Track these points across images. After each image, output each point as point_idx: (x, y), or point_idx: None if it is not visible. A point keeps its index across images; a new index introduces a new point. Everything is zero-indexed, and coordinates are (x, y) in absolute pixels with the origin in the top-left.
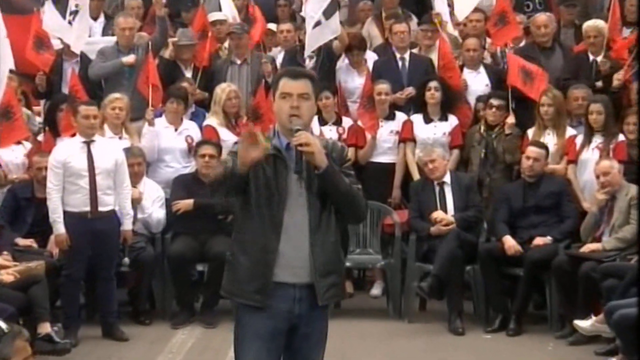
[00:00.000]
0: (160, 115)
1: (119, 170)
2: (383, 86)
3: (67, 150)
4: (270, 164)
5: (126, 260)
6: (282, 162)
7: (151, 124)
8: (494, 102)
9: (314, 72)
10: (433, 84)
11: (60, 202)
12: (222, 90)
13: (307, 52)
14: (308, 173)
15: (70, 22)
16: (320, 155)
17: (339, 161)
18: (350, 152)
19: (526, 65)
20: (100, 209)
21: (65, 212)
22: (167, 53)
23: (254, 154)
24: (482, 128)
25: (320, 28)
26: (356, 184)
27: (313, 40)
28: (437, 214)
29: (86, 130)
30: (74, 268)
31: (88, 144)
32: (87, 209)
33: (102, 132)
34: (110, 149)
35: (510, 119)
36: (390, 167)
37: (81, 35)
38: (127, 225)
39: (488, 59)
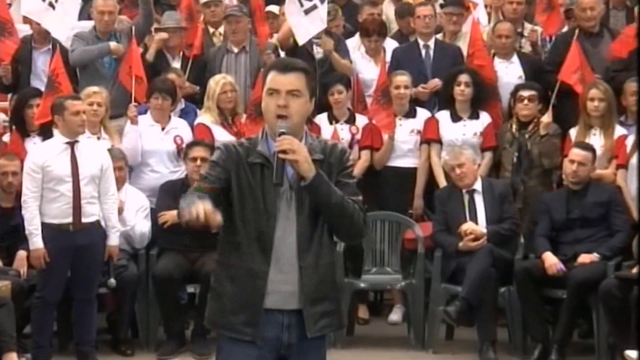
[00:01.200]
0: (145, 112)
1: (105, 176)
2: (402, 78)
3: (47, 152)
4: (256, 174)
5: (112, 281)
6: (270, 171)
7: (134, 121)
8: (525, 93)
9: (307, 65)
10: (463, 77)
11: (37, 211)
12: (216, 82)
13: (303, 40)
14: (298, 186)
15: (51, 5)
16: (305, 164)
17: (338, 167)
18: (365, 155)
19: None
20: (84, 220)
21: (42, 224)
22: (151, 42)
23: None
24: (514, 126)
25: (315, 13)
26: (356, 195)
27: (302, 30)
28: (468, 227)
29: (77, 128)
30: (50, 289)
31: (72, 145)
32: (69, 220)
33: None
34: (95, 151)
35: (546, 118)
36: (411, 172)
37: (65, 19)
38: (114, 239)
39: (526, 48)
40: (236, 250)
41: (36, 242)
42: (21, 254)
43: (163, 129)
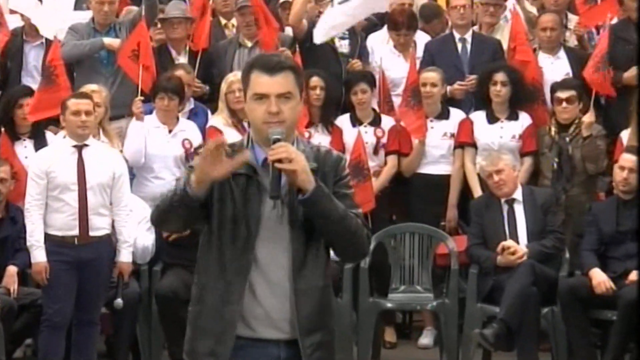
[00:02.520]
0: (150, 112)
1: (118, 185)
2: (429, 75)
3: (52, 156)
4: (239, 186)
5: (119, 301)
6: (255, 183)
7: (139, 117)
8: (562, 94)
9: (293, 61)
10: (500, 76)
11: (41, 221)
12: (225, 80)
13: (321, 38)
14: (290, 198)
15: None
16: (304, 175)
17: (334, 177)
18: (392, 161)
19: None
20: (92, 233)
21: (45, 235)
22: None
23: (217, 171)
24: (553, 129)
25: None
26: (355, 208)
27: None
28: (508, 244)
29: (77, 130)
30: (56, 311)
31: (79, 148)
32: (75, 232)
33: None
34: (107, 156)
35: (588, 117)
36: (444, 180)
37: (54, 15)
38: (125, 255)
39: (571, 41)
40: (208, 269)
41: (38, 255)
42: (11, 269)
43: (170, 131)
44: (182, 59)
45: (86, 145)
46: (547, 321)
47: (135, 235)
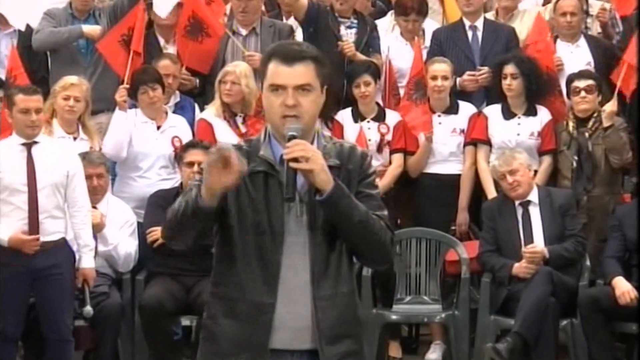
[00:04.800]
0: (134, 107)
1: (73, 184)
2: (439, 67)
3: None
4: (258, 186)
5: (88, 309)
6: (276, 181)
7: (122, 107)
8: (580, 84)
9: (316, 50)
10: (509, 68)
11: None
12: (223, 69)
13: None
14: (310, 199)
15: None
16: (322, 174)
17: (359, 175)
18: (398, 160)
19: None
20: (43, 238)
21: None
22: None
23: (225, 179)
24: (571, 124)
25: None
26: (380, 209)
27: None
28: (532, 248)
29: (25, 130)
30: (7, 322)
31: (28, 146)
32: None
33: (49, 129)
34: (59, 153)
35: (610, 106)
36: (453, 180)
37: (27, 3)
38: (87, 261)
39: (594, 29)
40: (234, 279)
41: None
42: None
43: (159, 127)
44: (171, 48)
45: (35, 142)
46: (566, 334)
47: (117, 241)
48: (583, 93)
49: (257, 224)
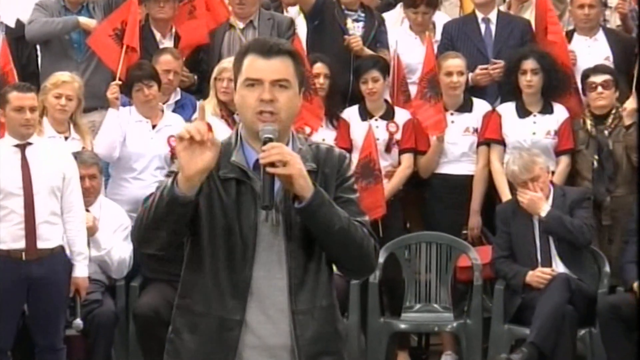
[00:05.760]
0: (124, 105)
1: (69, 188)
2: (454, 62)
3: None
4: (230, 193)
5: (78, 322)
6: (248, 188)
7: (114, 104)
8: (597, 79)
9: (292, 46)
10: (529, 64)
11: None
12: (218, 66)
13: None
14: (285, 206)
15: None
16: (301, 180)
17: (337, 179)
18: (407, 160)
19: None
20: (41, 245)
21: None
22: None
23: (203, 160)
24: (589, 122)
25: None
26: (361, 215)
27: None
28: (539, 274)
29: (20, 129)
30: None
31: (22, 148)
32: (21, 245)
33: (39, 128)
34: (55, 155)
35: (630, 103)
36: (466, 181)
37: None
38: (80, 269)
39: (612, 21)
40: (201, 292)
41: None
42: None
43: (154, 126)
44: (168, 43)
45: (29, 143)
46: (584, 345)
47: (111, 245)
48: (600, 89)
49: (228, 228)
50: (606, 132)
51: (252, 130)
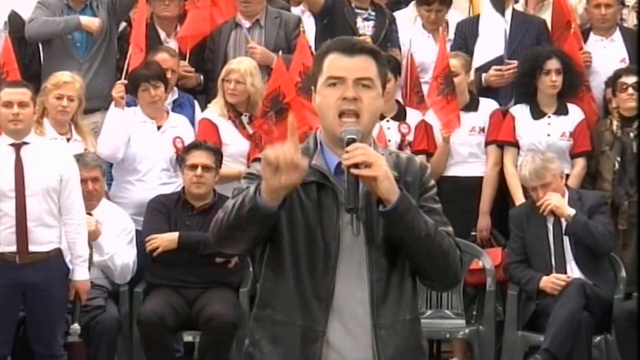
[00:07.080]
0: (129, 106)
1: (67, 190)
2: (451, 62)
3: None
4: (311, 196)
5: (75, 327)
6: (329, 193)
7: (119, 103)
8: (628, 80)
9: (375, 46)
10: (553, 63)
11: None
12: (226, 67)
13: None
14: (368, 211)
15: None
16: (387, 182)
17: (419, 188)
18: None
19: None
20: (34, 248)
21: None
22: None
23: (290, 177)
24: (615, 123)
25: None
26: (445, 225)
27: None
28: (553, 279)
29: (7, 124)
30: None
31: (17, 147)
32: (14, 248)
33: (40, 129)
34: (52, 155)
35: None
36: (474, 183)
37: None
38: (80, 273)
39: (629, 21)
40: (282, 302)
41: None
42: None
43: (159, 127)
44: (172, 42)
45: (25, 143)
46: (600, 352)
47: (114, 250)
48: (630, 90)
49: (310, 233)
50: (632, 135)
51: (333, 133)
